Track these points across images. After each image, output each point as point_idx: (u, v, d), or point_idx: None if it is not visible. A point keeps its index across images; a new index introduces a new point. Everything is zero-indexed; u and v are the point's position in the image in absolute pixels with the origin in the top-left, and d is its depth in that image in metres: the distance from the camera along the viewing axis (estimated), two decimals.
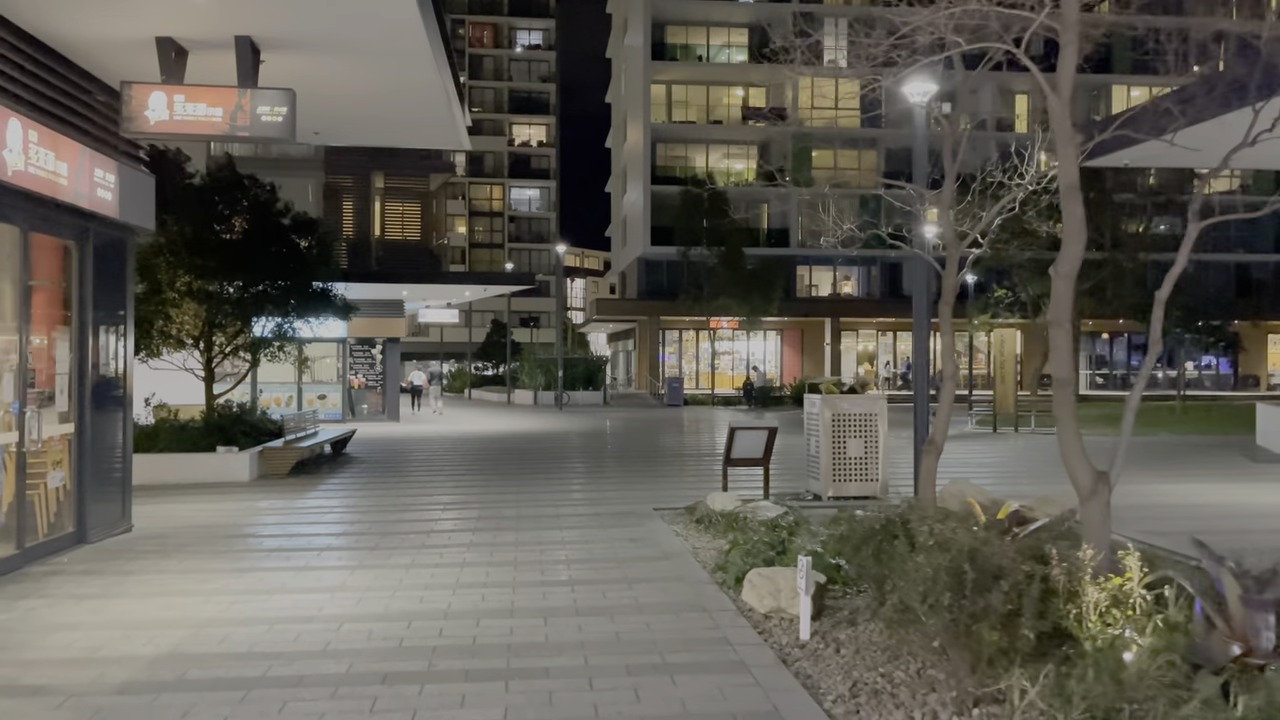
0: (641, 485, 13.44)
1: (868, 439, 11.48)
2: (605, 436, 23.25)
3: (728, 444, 11.24)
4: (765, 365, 49.94)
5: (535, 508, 11.27)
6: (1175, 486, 13.18)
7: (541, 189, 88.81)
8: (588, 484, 13.63)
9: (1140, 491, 11.98)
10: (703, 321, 46.67)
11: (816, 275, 51.79)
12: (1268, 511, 11.18)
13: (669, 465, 16.45)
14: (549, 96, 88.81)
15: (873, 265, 51.47)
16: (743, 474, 12.60)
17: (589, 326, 61.71)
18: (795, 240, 50.43)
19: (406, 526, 10.07)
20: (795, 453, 14.99)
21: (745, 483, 12.19)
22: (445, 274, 27.81)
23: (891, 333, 51.48)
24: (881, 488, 11.50)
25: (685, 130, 51.13)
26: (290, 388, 27.82)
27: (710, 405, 40.70)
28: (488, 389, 50.56)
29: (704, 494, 12.23)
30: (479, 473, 15.19)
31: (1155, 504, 11.39)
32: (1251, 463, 16.27)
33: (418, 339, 75.71)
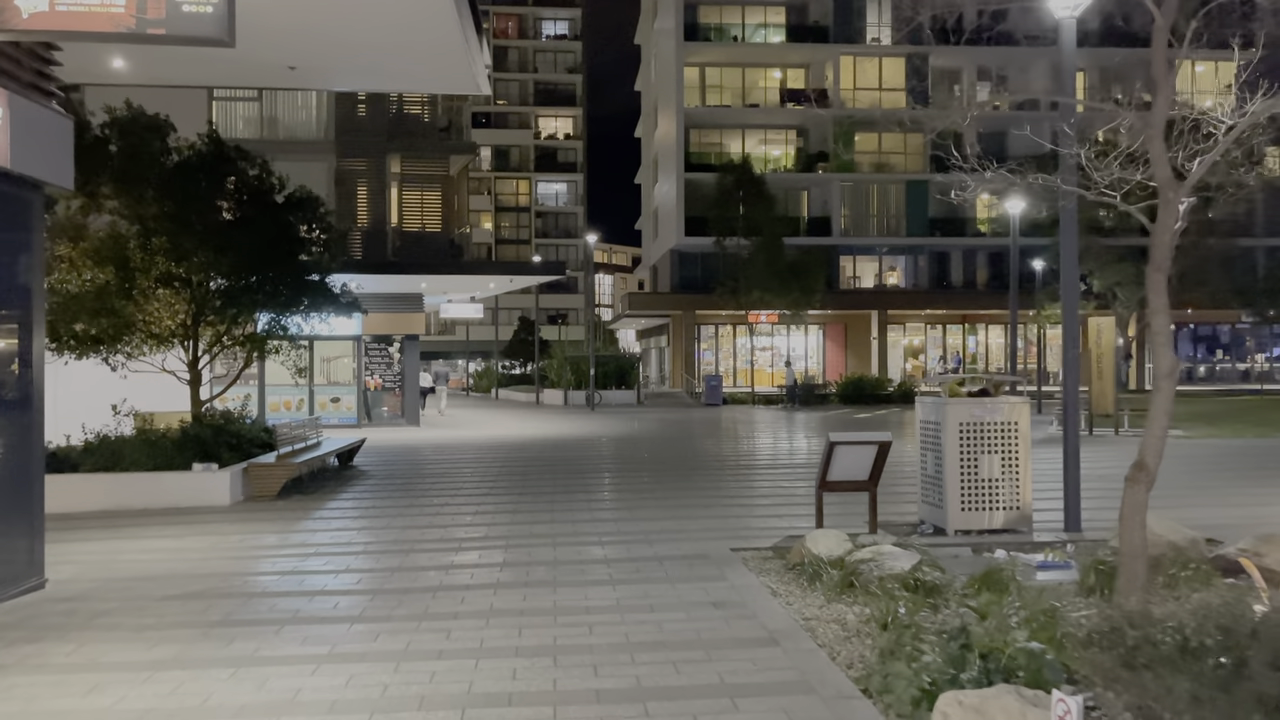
0: (704, 510, 10.91)
1: (1006, 455, 8.88)
2: (646, 443, 20.75)
3: (824, 462, 8.69)
4: (807, 361, 47.23)
5: (576, 546, 8.78)
6: None
7: (569, 183, 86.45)
8: (637, 508, 11.11)
9: None
10: (740, 316, 44.01)
11: (860, 266, 48.98)
12: None
13: (730, 481, 13.91)
14: (575, 88, 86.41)
15: (920, 254, 48.63)
16: (832, 499, 10.04)
17: (619, 323, 59.23)
18: (837, 229, 47.67)
19: (408, 580, 7.60)
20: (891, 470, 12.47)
21: (838, 510, 9.62)
22: (466, 264, 25.38)
23: (941, 326, 48.60)
24: (1023, 518, 8.90)
25: (720, 114, 48.51)
26: (301, 390, 25.55)
27: (751, 404, 38.16)
28: (515, 388, 48.25)
29: (784, 521, 9.72)
30: (505, 492, 12.72)
31: None
32: None
33: (443, 337, 73.62)
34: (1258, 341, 51.42)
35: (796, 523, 9.82)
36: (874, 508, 9.02)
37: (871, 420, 28.06)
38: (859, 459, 8.79)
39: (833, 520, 8.97)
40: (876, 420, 27.99)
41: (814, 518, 9.58)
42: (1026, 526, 8.89)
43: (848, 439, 8.61)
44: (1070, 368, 9.06)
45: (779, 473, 14.77)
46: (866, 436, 8.68)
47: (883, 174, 48.25)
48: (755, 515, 10.44)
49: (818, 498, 8.95)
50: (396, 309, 25.49)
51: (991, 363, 49.09)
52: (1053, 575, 7.11)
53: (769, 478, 14.16)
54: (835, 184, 47.41)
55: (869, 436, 8.69)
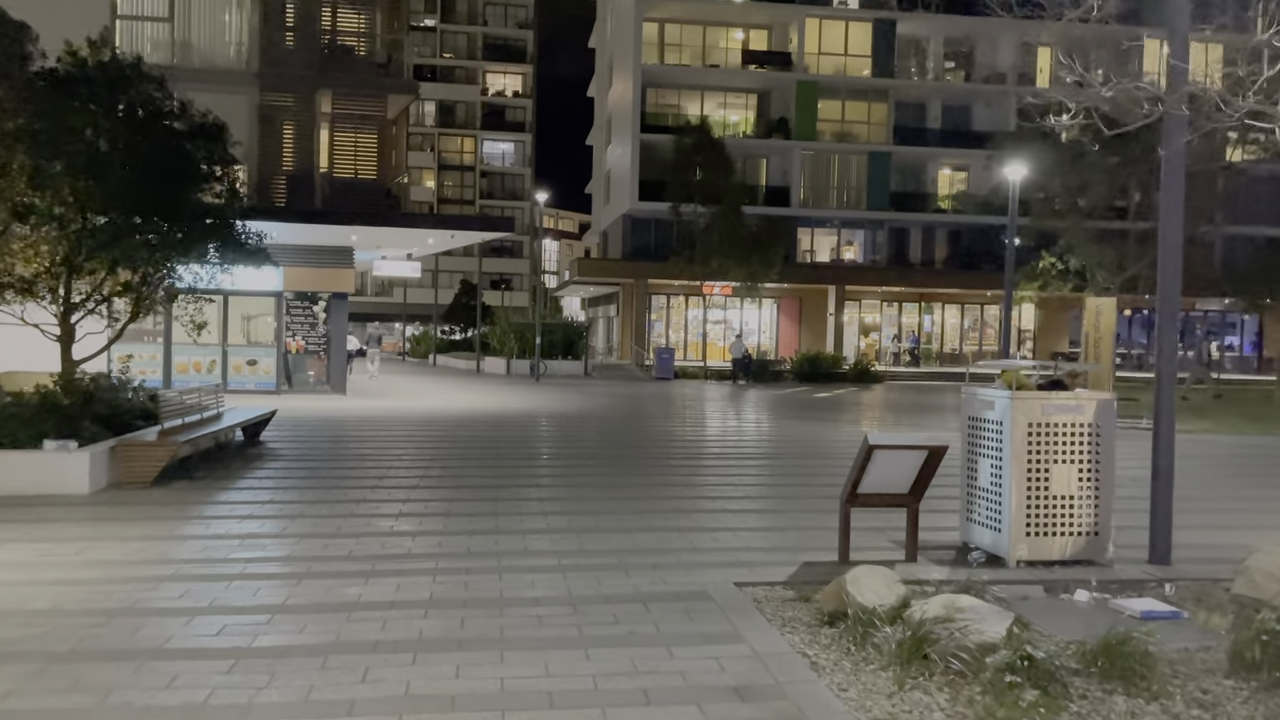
0: (685, 519, 8.86)
1: (1086, 466, 6.95)
2: (601, 422, 18.65)
3: (857, 469, 6.68)
4: (760, 336, 45.48)
5: (528, 575, 6.66)
6: None
7: (516, 143, 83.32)
8: (603, 514, 9.02)
9: None
10: (694, 286, 42.02)
11: (818, 239, 47.24)
12: None
13: (708, 476, 11.88)
14: (526, 44, 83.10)
15: (879, 229, 47.04)
16: None
17: (565, 290, 56.84)
18: (796, 200, 45.81)
19: (289, 632, 5.42)
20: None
21: (861, 523, 7.63)
22: (403, 215, 22.88)
23: (897, 303, 47.17)
24: (1101, 546, 7.00)
25: (679, 74, 46.17)
26: (213, 351, 22.92)
27: (703, 380, 36.26)
28: (455, 355, 45.72)
29: (788, 537, 7.71)
30: (438, 485, 10.52)
31: None
32: None
33: (379, 299, 70.46)
34: (1208, 329, 50.96)
35: (806, 539, 7.82)
36: (915, 529, 7.04)
37: (832, 400, 26.32)
38: (900, 466, 6.79)
39: (861, 540, 6.99)
40: (837, 400, 26.25)
41: (831, 536, 7.61)
42: (1104, 557, 6.99)
43: (891, 441, 6.59)
44: (1166, 355, 7.14)
45: (761, 467, 12.80)
46: (912, 439, 6.69)
47: (845, 144, 46.44)
48: (750, 528, 8.42)
49: (843, 515, 6.94)
50: (323, 263, 22.92)
51: (946, 343, 47.90)
52: (1171, 634, 5.19)
53: (752, 473, 12.17)
54: (796, 152, 45.50)
55: (915, 439, 6.70)
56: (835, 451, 14.37)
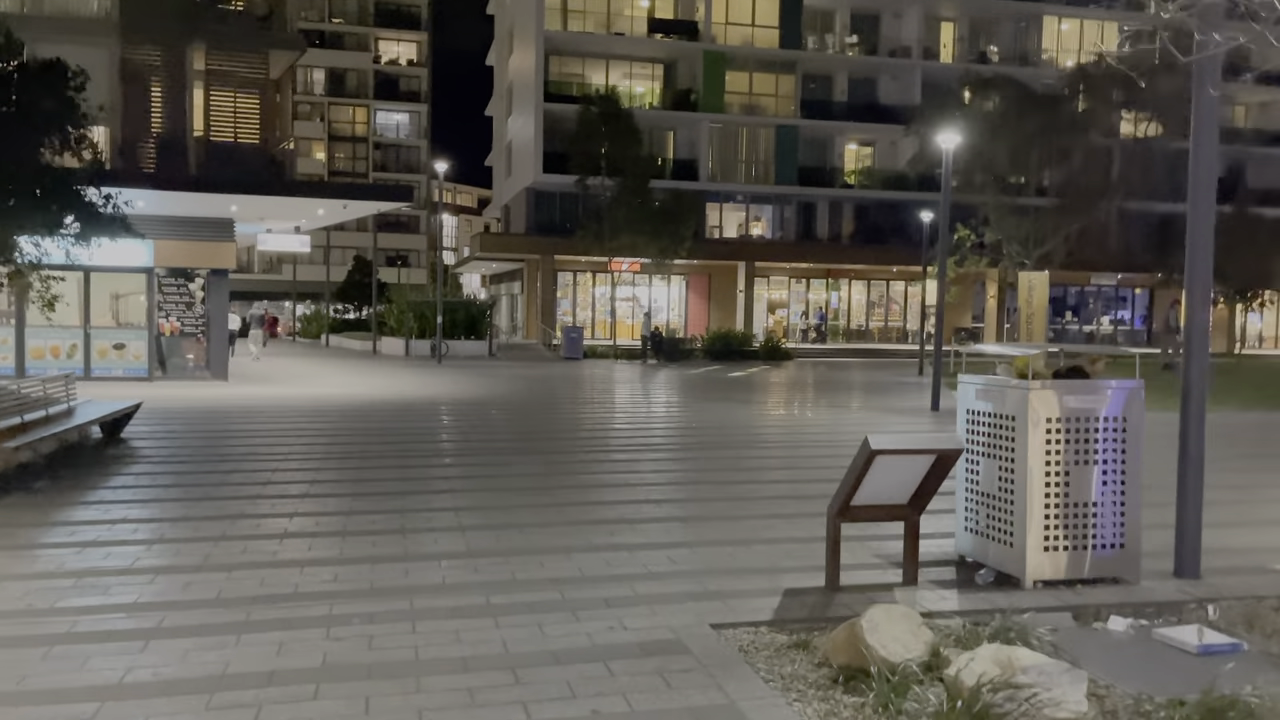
0: (633, 532, 7.60)
1: (1111, 468, 5.92)
2: (515, 408, 17.23)
3: (853, 478, 5.50)
4: (669, 313, 44.48)
5: (453, 622, 5.29)
6: None
7: (412, 113, 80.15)
8: (533, 529, 7.67)
9: None
10: (601, 263, 40.73)
11: (726, 214, 46.39)
12: None
13: (648, 474, 10.63)
14: (420, 10, 79.84)
15: (787, 204, 46.45)
16: (809, 518, 6.93)
17: (466, 266, 54.78)
18: (705, 174, 44.82)
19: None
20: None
21: (814, 529, 6.48)
22: (289, 184, 20.88)
23: (805, 280, 46.74)
24: (1129, 560, 6.00)
25: (583, 41, 44.52)
26: (75, 334, 20.58)
27: (613, 359, 35.08)
28: (349, 335, 43.41)
29: (759, 556, 6.51)
30: (332, 495, 9.01)
31: None
32: None
33: (267, 276, 66.96)
34: (1102, 304, 52.09)
35: (777, 556, 6.63)
36: (915, 546, 5.91)
37: (749, 380, 25.41)
38: (903, 474, 5.64)
39: (818, 551, 5.83)
40: (754, 380, 25.35)
41: (803, 550, 6.46)
42: (1132, 573, 5.99)
43: (895, 445, 5.42)
44: (1199, 334, 6.14)
45: (699, 461, 11.61)
46: (919, 442, 5.54)
47: (753, 117, 45.58)
48: (708, 541, 7.19)
49: (833, 532, 5.75)
50: (200, 236, 20.76)
51: (853, 320, 47.76)
52: (1241, 672, 4.17)
53: (692, 469, 10.97)
54: (704, 125, 44.47)
55: (923, 441, 5.55)
56: (774, 440, 13.30)
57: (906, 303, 48.06)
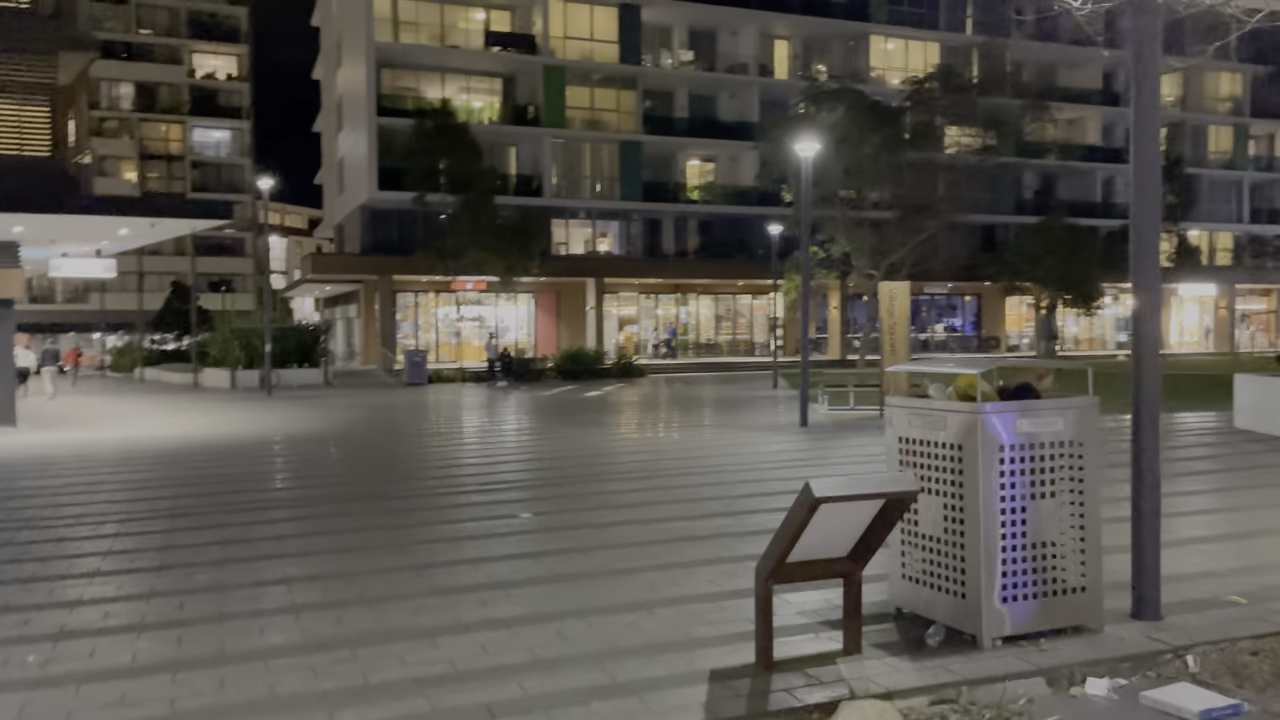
0: (514, 598, 6.38)
1: (1071, 498, 5.16)
2: (357, 444, 15.59)
3: (792, 530, 4.50)
4: (518, 333, 43.14)
5: None
6: None
7: (233, 130, 75.67)
8: (393, 607, 6.35)
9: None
10: (444, 282, 39.02)
11: (572, 231, 45.44)
12: None
13: (511, 516, 9.38)
14: (240, 21, 75.62)
15: (633, 221, 45.93)
16: (707, 553, 5.93)
17: (297, 289, 51.69)
18: (549, 189, 43.73)
19: None
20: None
21: (707, 565, 5.51)
22: (83, 200, 18.47)
23: (654, 295, 46.29)
24: (1092, 605, 5.23)
25: (417, 54, 42.72)
26: None
27: (460, 383, 33.43)
28: (169, 368, 39.87)
29: (667, 625, 5.43)
30: (131, 570, 7.39)
31: None
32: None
33: (72, 305, 61.48)
34: (936, 312, 53.94)
35: (690, 625, 5.56)
36: (858, 607, 4.96)
37: (605, 400, 24.44)
38: (846, 522, 4.68)
39: (733, 611, 4.82)
40: (610, 400, 24.40)
41: (708, 609, 5.44)
42: (1096, 618, 5.23)
43: (842, 491, 4.45)
44: (1148, 340, 5.46)
45: (569, 498, 10.46)
46: (868, 484, 4.58)
47: (596, 132, 44.86)
48: (605, 608, 6.05)
49: (764, 597, 4.73)
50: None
51: (702, 334, 47.66)
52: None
53: (564, 507, 9.80)
54: (546, 140, 43.41)
55: (872, 483, 4.60)
56: (649, 468, 12.27)
57: (753, 316, 48.36)
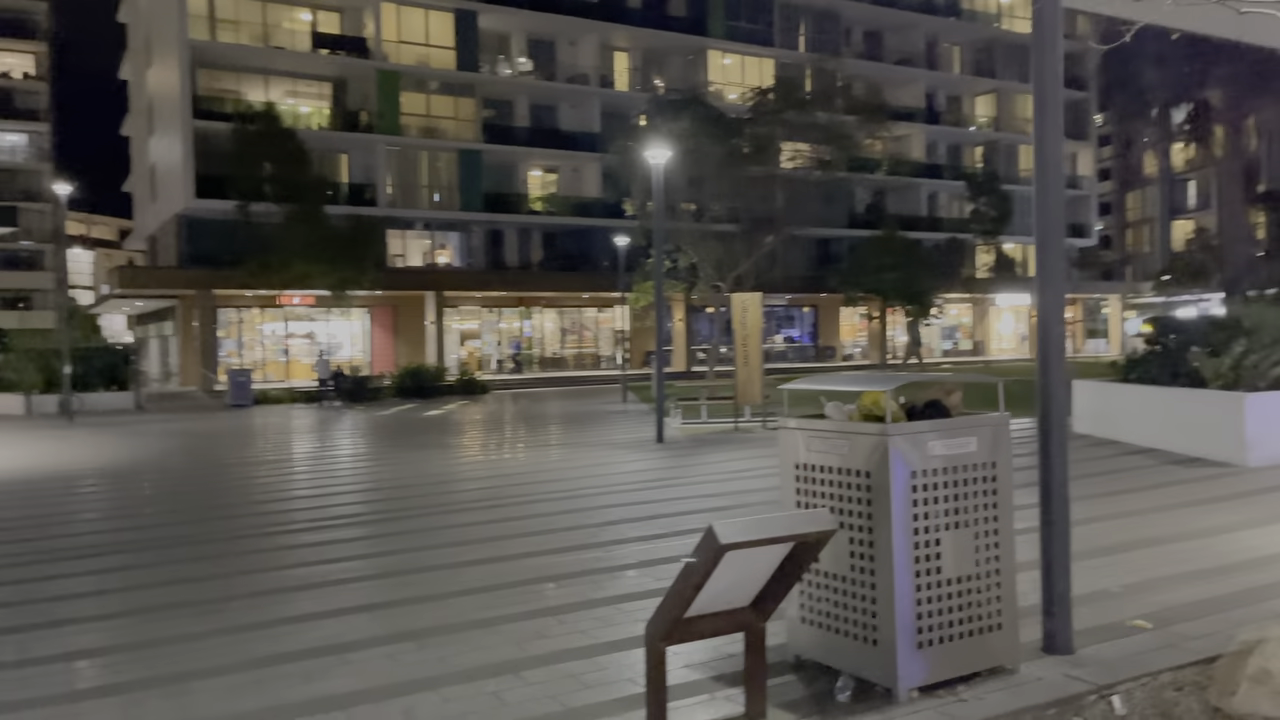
0: (344, 666, 5.43)
1: (986, 528, 4.67)
2: (169, 477, 13.96)
3: (692, 584, 3.78)
4: (352, 349, 41.10)
5: None
6: (1170, 520, 8.04)
7: (30, 133, 69.52)
8: (201, 679, 5.29)
9: (1172, 549, 6.59)
10: (271, 297, 36.74)
11: (409, 242, 43.74)
12: None
13: (344, 558, 8.33)
14: (39, 17, 69.64)
15: (473, 232, 44.66)
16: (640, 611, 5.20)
17: (106, 305, 47.67)
18: (384, 199, 41.93)
19: None
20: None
21: (621, 631, 4.80)
22: None
23: (497, 309, 45.12)
24: (1009, 644, 4.76)
25: (238, 54, 40.15)
26: None
27: (289, 404, 31.39)
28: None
29: (539, 688, 4.63)
30: None
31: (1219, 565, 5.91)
32: (1168, 466, 11.97)
33: None
34: (775, 323, 54.94)
35: (566, 692, 4.76)
36: (762, 665, 4.29)
37: (448, 420, 23.29)
38: (752, 568, 4.01)
39: (614, 668, 4.10)
40: (454, 419, 23.27)
41: (588, 665, 4.69)
42: (1013, 657, 4.76)
43: (750, 535, 3.76)
44: (1055, 345, 5.06)
45: (417, 531, 9.46)
46: (778, 525, 3.92)
47: (434, 140, 43.38)
48: (465, 674, 5.18)
49: (657, 659, 3.99)
50: None
51: (547, 348, 46.82)
52: None
53: (409, 545, 8.81)
54: (380, 147, 41.62)
55: (783, 525, 3.94)
56: (502, 495, 11.37)
57: (598, 329, 47.90)
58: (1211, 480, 10.50)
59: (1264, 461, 11.16)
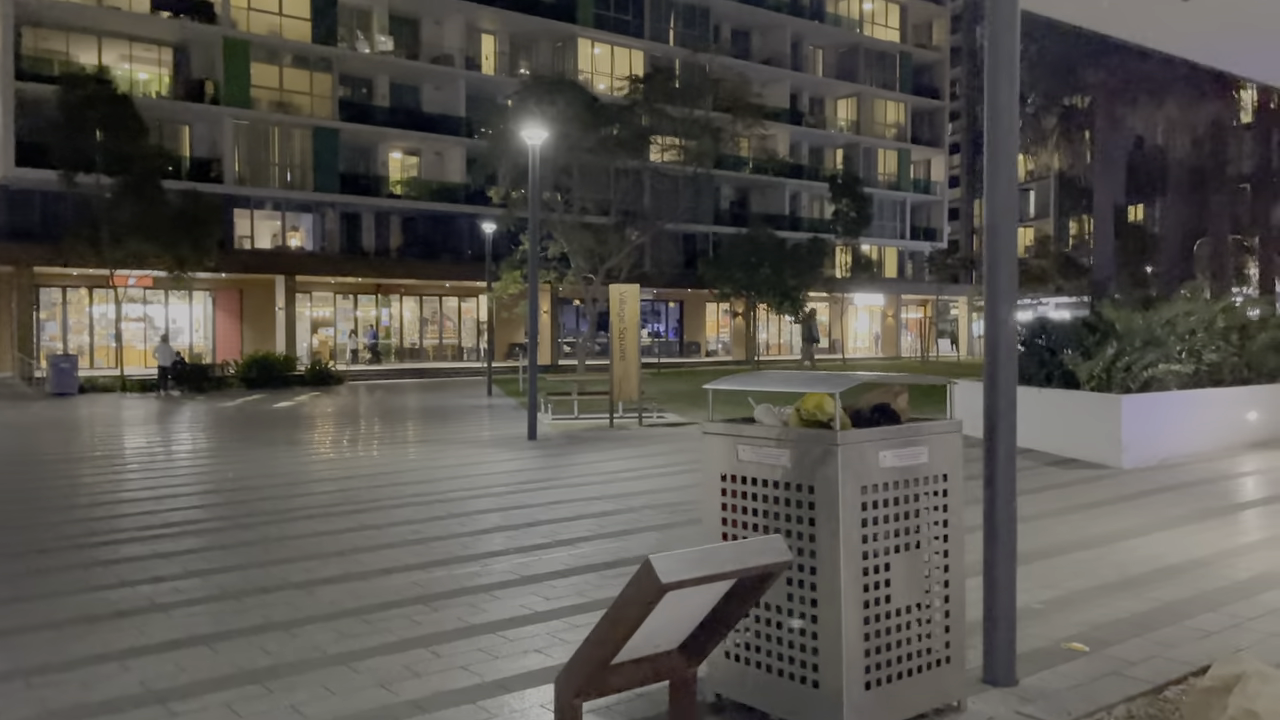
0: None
1: (935, 548, 4.12)
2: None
3: (622, 630, 3.04)
4: (193, 335, 38.45)
5: None
6: (1063, 526, 7.88)
7: None
8: None
9: (1090, 556, 6.38)
10: (102, 276, 33.78)
11: (258, 223, 41.22)
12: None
13: (173, 576, 7.21)
14: None
15: (328, 214, 42.51)
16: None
17: None
18: (231, 176, 39.34)
19: None
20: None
21: (512, 666, 4.03)
22: None
23: (353, 296, 43.11)
24: (956, 675, 4.22)
25: (67, 13, 36.78)
26: None
27: (120, 392, 28.97)
28: None
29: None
30: None
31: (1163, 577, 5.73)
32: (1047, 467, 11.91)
33: None
34: (641, 317, 54.64)
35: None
36: (691, 716, 3.59)
37: (300, 411, 21.78)
38: (687, 607, 3.31)
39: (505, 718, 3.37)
40: (306, 411, 21.77)
41: (479, 716, 3.91)
42: (959, 693, 4.23)
43: (697, 572, 3.06)
44: (1006, 345, 4.57)
45: (266, 543, 8.37)
46: (722, 558, 3.22)
47: (287, 115, 40.98)
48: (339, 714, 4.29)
49: (573, 716, 3.25)
50: None
51: (406, 338, 45.08)
52: None
53: (256, 559, 7.73)
54: (227, 121, 39.02)
55: (729, 557, 3.24)
56: (360, 500, 10.32)
57: (461, 319, 46.47)
58: (1091, 483, 10.48)
59: (1137, 463, 11.28)
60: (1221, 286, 20.43)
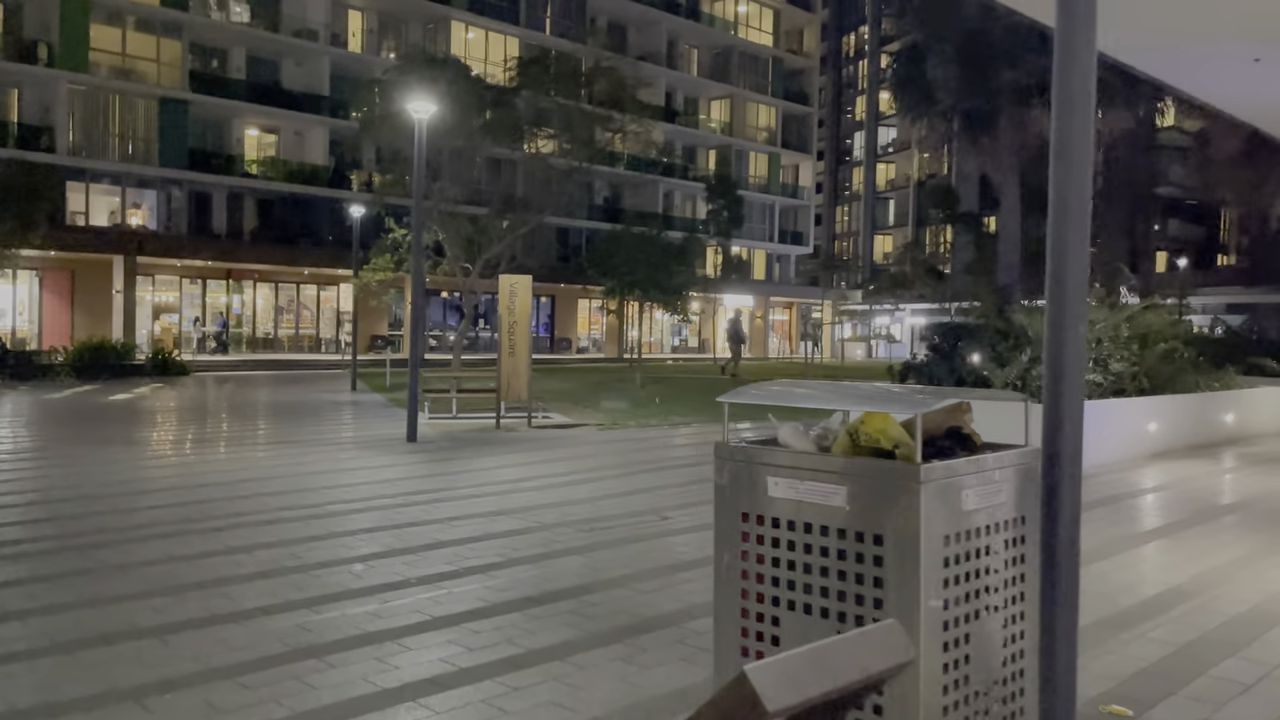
0: None
1: (1013, 610, 3.27)
2: None
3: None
4: (16, 318, 34.90)
5: None
6: None
7: None
8: None
9: None
10: None
11: (95, 199, 37.78)
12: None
13: None
14: None
15: (175, 191, 39.40)
16: None
17: None
18: (64, 145, 35.87)
19: None
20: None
21: None
22: None
23: (201, 280, 40.09)
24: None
25: None
26: None
27: None
28: None
29: None
30: None
31: None
32: None
33: None
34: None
35: None
36: None
37: (140, 405, 19.63)
38: None
39: None
40: (147, 405, 19.64)
41: None
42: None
43: (810, 688, 2.07)
44: (1072, 350, 3.76)
45: (99, 572, 6.90)
46: (837, 661, 2.24)
47: (130, 83, 37.70)
48: None
49: None
50: None
51: (259, 327, 42.31)
52: None
53: (84, 597, 6.27)
54: (62, 85, 35.58)
55: (844, 659, 2.27)
56: (212, 515, 8.84)
57: (320, 309, 43.98)
58: None
59: None
60: (1113, 296, 20.86)
